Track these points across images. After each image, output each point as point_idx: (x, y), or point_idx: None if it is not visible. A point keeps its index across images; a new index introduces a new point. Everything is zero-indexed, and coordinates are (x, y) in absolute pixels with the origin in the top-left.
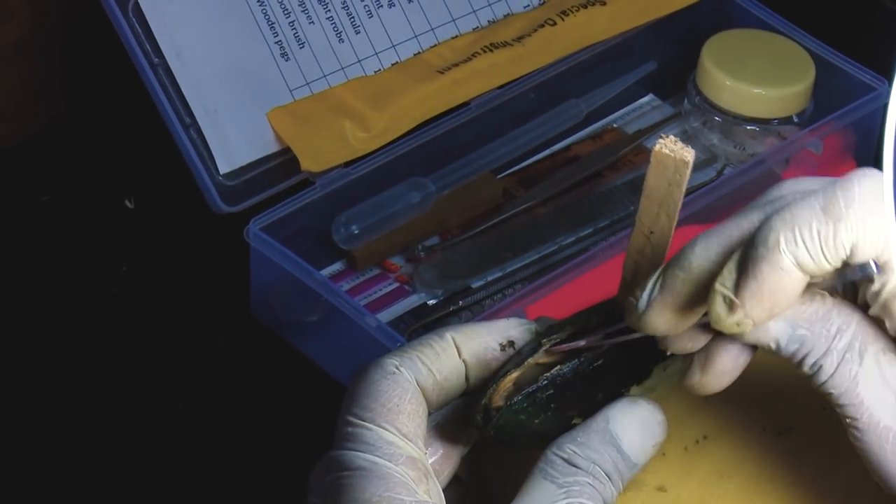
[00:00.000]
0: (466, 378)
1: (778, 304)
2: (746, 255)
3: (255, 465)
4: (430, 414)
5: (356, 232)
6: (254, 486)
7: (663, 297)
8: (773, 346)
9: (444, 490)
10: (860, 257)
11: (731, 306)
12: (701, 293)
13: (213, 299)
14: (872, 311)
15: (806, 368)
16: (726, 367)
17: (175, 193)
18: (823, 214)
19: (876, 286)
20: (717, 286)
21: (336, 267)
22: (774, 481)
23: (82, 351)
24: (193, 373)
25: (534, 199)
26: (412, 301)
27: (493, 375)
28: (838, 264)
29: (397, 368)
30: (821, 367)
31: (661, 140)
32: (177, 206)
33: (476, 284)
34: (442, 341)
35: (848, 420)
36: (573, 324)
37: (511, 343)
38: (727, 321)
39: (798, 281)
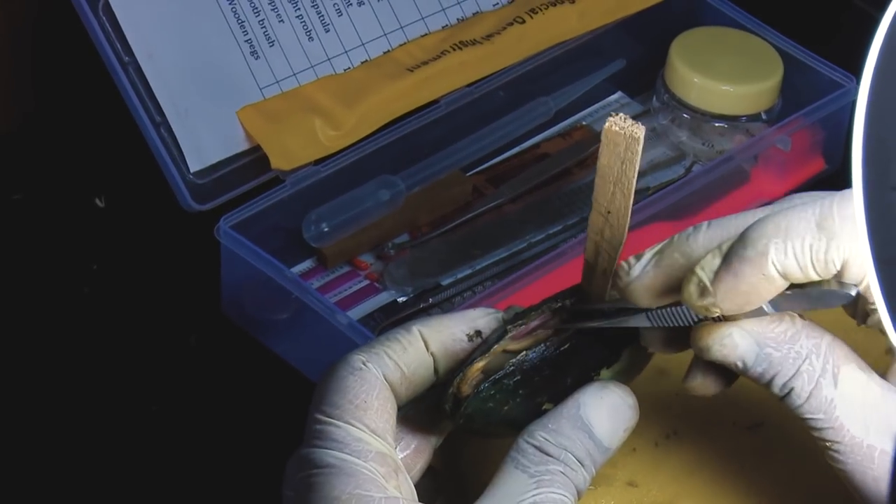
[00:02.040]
0: (435, 370)
1: (749, 303)
2: (733, 250)
3: (228, 463)
4: (399, 408)
5: (326, 230)
6: (226, 483)
7: (655, 275)
8: (739, 364)
9: (418, 482)
10: (849, 276)
11: (702, 291)
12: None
13: (184, 298)
14: (870, 322)
15: (776, 390)
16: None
17: (146, 192)
18: (817, 230)
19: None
20: (697, 269)
21: (306, 265)
22: (744, 476)
23: (54, 350)
24: (165, 372)
25: (503, 197)
26: (382, 298)
27: (461, 365)
28: (827, 276)
29: (364, 364)
30: (792, 389)
31: (610, 118)
32: (147, 204)
33: (446, 282)
34: (409, 335)
35: (827, 443)
36: (538, 309)
37: (478, 333)
38: (696, 303)
39: (777, 286)
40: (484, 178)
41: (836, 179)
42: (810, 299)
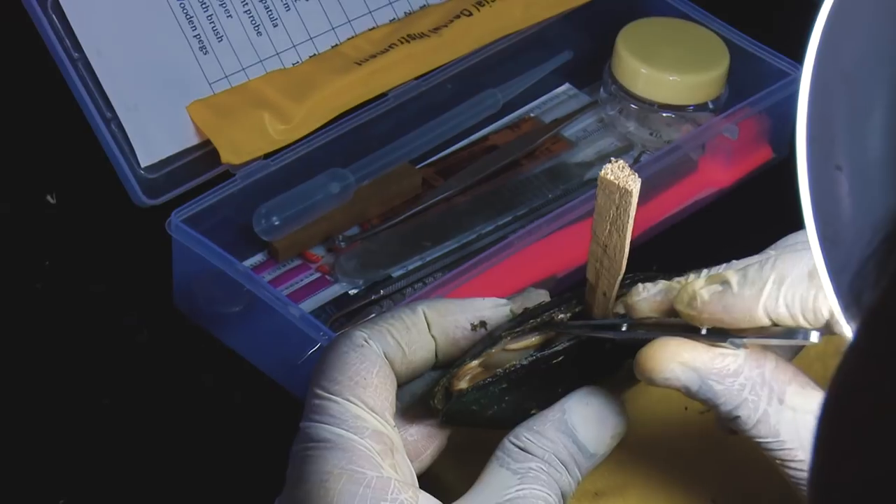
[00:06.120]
0: (436, 354)
1: (727, 325)
2: (730, 284)
3: (180, 455)
4: (399, 387)
5: (277, 223)
6: (178, 474)
7: (661, 301)
8: (683, 391)
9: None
10: (838, 325)
11: (691, 303)
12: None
13: (137, 292)
14: None
15: (723, 416)
16: None
17: (97, 187)
18: (809, 279)
19: None
20: (697, 286)
21: (258, 258)
22: (696, 459)
23: (6, 346)
24: (117, 365)
25: (452, 189)
26: (334, 291)
27: (463, 355)
28: (816, 325)
29: (366, 341)
30: (738, 417)
31: (608, 164)
32: (99, 200)
33: (396, 274)
34: (413, 315)
35: (778, 462)
36: (537, 317)
37: (483, 324)
38: (682, 308)
39: (762, 322)
40: (433, 170)
41: (784, 168)
42: (777, 336)
